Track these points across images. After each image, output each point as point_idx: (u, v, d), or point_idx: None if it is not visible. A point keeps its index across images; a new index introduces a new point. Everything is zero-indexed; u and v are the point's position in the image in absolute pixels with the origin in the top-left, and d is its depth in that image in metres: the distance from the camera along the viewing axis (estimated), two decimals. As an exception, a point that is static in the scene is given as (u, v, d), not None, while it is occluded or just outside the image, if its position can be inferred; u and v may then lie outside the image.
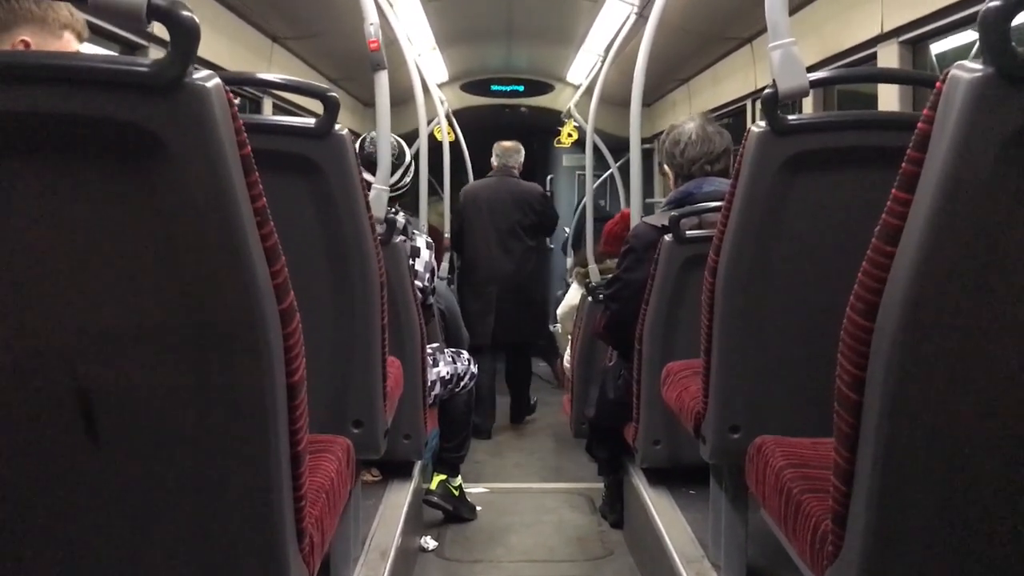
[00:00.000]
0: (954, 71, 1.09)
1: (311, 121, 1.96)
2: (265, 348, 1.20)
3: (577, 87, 7.10)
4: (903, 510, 1.24)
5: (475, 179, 6.77)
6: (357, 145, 2.43)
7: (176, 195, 1.12)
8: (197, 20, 1.08)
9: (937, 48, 3.14)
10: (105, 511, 1.28)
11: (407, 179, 3.39)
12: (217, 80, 1.11)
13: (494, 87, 7.91)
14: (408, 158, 3.39)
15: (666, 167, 3.01)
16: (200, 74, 1.10)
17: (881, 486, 1.23)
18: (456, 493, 3.74)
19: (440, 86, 6.78)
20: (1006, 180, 1.09)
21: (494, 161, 5.74)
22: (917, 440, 1.21)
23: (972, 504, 1.25)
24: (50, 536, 1.28)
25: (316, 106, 1.94)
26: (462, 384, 3.59)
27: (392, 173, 3.04)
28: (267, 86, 4.06)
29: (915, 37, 3.04)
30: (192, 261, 1.15)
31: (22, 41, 1.60)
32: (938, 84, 1.12)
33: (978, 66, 1.07)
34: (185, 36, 1.07)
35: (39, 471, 1.26)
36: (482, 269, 5.50)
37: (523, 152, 5.82)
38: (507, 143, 5.77)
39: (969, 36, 2.97)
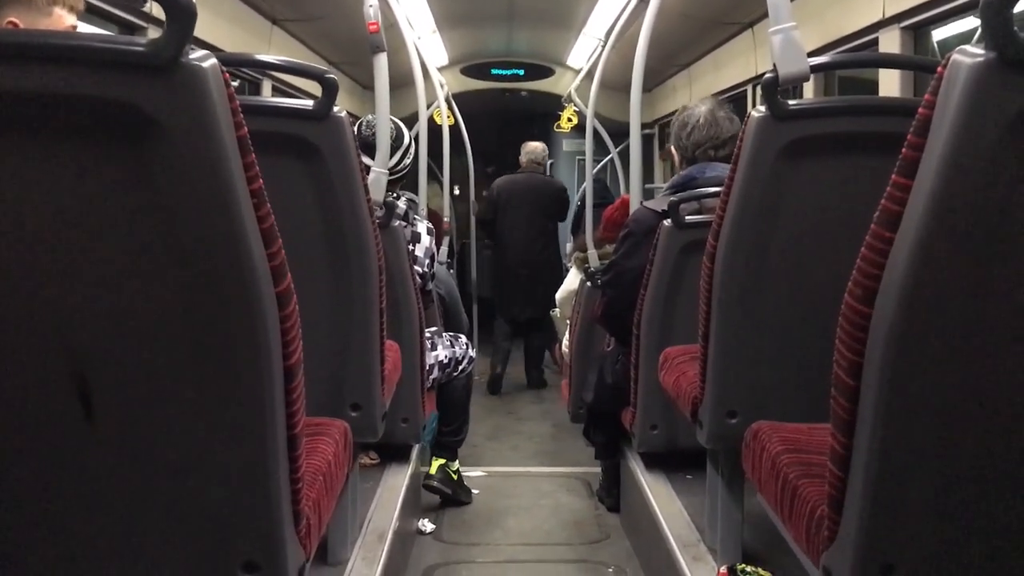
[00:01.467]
0: (956, 56, 1.09)
1: (309, 103, 1.95)
2: (262, 330, 1.20)
3: (578, 71, 7.07)
4: (899, 495, 1.25)
5: (474, 163, 6.91)
6: (355, 128, 2.41)
7: (172, 176, 1.12)
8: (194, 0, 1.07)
9: (939, 34, 3.13)
10: (101, 492, 1.28)
11: (407, 161, 3.37)
12: (213, 60, 1.10)
13: (494, 71, 7.88)
14: (407, 139, 3.36)
15: (672, 149, 2.99)
16: (196, 54, 1.09)
17: (877, 471, 1.23)
18: (455, 477, 3.74)
19: (440, 69, 6.75)
20: (1006, 165, 1.09)
21: (522, 159, 6.53)
22: (913, 426, 1.21)
23: (968, 489, 1.25)
24: (47, 517, 1.28)
25: (316, 89, 1.93)
26: (460, 368, 3.59)
27: (391, 155, 3.03)
28: (266, 67, 4.04)
29: (917, 23, 3.03)
30: (188, 242, 1.15)
31: (9, 22, 1.59)
32: (939, 69, 1.11)
33: (980, 51, 1.07)
34: (181, 16, 1.06)
35: (36, 453, 1.26)
36: (513, 254, 6.35)
37: (547, 151, 6.75)
38: (534, 143, 6.61)
39: (971, 22, 2.95)
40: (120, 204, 1.15)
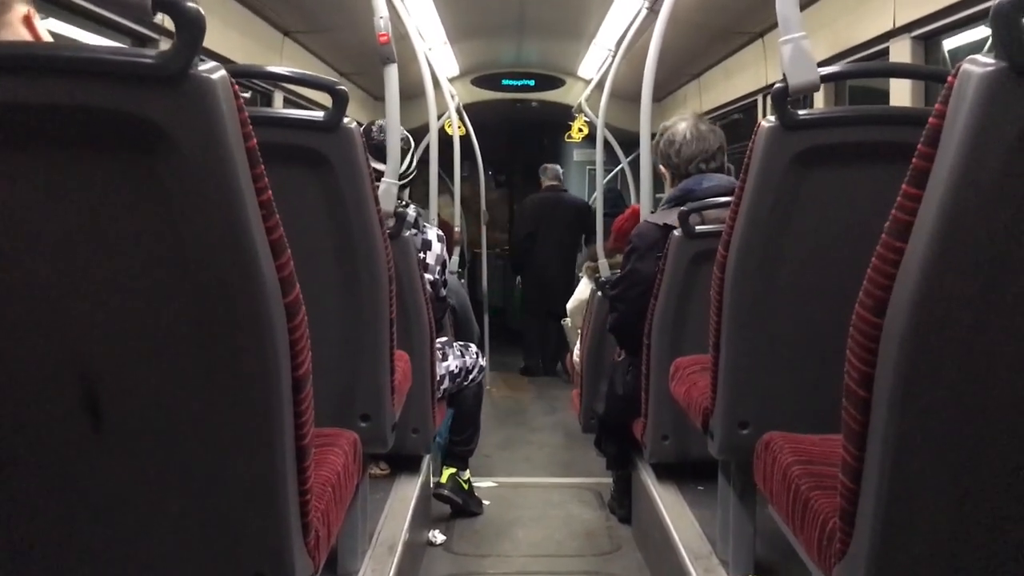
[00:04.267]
0: (966, 65, 1.08)
1: (320, 114, 1.96)
2: (270, 341, 1.20)
3: (588, 82, 7.08)
4: (911, 508, 1.23)
5: (485, 173, 7.01)
6: (363, 130, 2.40)
7: (181, 187, 1.12)
8: (202, 11, 1.07)
9: (950, 44, 3.12)
10: (110, 504, 1.28)
11: (414, 163, 3.38)
12: (222, 72, 1.11)
13: (505, 82, 7.90)
14: (413, 145, 3.38)
15: (662, 168, 3.03)
16: (205, 66, 1.09)
17: (889, 483, 1.22)
18: (465, 487, 3.74)
19: (451, 80, 6.77)
20: (1017, 175, 1.08)
21: (543, 180, 7.42)
22: (925, 437, 1.20)
23: (981, 502, 1.24)
24: (56, 529, 1.28)
25: (327, 100, 1.94)
26: (470, 377, 3.59)
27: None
28: (276, 79, 4.06)
29: (927, 32, 3.02)
30: (197, 254, 1.15)
31: (26, 17, 1.53)
32: (950, 79, 1.10)
33: (990, 60, 1.06)
34: (190, 27, 1.07)
35: (44, 464, 1.26)
36: (543, 261, 7.24)
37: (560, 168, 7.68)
38: (552, 165, 7.53)
39: (982, 32, 2.94)
40: (129, 215, 1.15)
